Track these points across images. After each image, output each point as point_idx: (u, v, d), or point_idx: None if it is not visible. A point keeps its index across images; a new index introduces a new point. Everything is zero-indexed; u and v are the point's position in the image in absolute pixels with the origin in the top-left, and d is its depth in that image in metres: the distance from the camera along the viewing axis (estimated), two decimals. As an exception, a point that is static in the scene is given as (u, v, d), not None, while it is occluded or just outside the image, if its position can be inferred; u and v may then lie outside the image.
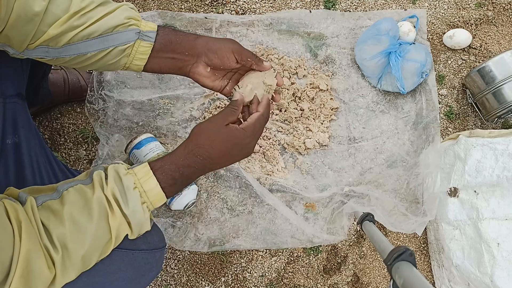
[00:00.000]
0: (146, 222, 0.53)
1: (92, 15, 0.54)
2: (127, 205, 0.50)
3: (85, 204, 0.48)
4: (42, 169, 0.68)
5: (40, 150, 0.70)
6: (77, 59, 0.57)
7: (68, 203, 0.47)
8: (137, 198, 0.51)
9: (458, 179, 0.94)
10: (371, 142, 1.03)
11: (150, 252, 0.60)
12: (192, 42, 0.60)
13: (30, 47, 0.53)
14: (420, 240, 1.05)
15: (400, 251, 0.48)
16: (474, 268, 0.90)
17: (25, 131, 0.67)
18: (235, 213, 0.99)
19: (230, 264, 1.00)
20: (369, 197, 1.00)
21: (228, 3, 1.08)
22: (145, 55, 0.59)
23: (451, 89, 1.09)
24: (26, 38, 0.52)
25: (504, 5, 1.11)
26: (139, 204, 0.51)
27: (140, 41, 0.58)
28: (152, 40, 0.58)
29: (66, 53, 0.55)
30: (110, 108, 0.99)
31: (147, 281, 0.63)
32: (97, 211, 0.48)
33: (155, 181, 0.52)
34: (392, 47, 0.99)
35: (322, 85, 1.02)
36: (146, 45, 0.58)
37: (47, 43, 0.53)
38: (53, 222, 0.46)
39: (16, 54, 0.55)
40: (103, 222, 0.49)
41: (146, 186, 0.52)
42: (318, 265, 1.01)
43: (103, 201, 0.49)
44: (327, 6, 1.09)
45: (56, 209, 0.47)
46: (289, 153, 1.02)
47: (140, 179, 0.51)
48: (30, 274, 0.43)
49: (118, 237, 0.51)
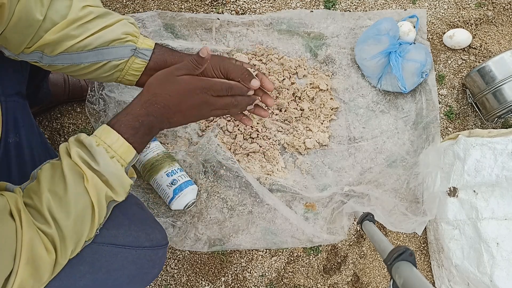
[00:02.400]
0: (123, 176, 0.51)
1: (90, 26, 0.54)
2: (96, 162, 0.49)
3: (56, 174, 0.48)
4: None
5: (42, 149, 0.70)
6: (70, 68, 0.57)
7: (42, 178, 0.48)
8: (103, 153, 0.50)
9: (458, 179, 0.94)
10: (371, 142, 1.03)
11: (153, 249, 0.61)
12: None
13: (26, 51, 0.54)
14: (420, 240, 1.05)
15: (400, 251, 0.48)
16: (473, 268, 0.90)
17: (26, 130, 0.67)
18: (235, 213, 0.99)
19: (230, 264, 1.00)
20: (369, 197, 1.00)
21: (228, 3, 1.08)
22: (138, 71, 0.59)
23: (451, 89, 1.09)
24: (24, 42, 0.52)
25: (504, 5, 1.11)
26: (108, 158, 0.50)
27: (135, 58, 0.58)
28: (147, 58, 0.58)
29: (60, 62, 0.56)
30: (111, 109, 0.99)
31: (150, 278, 0.64)
32: (70, 177, 0.48)
33: (116, 134, 0.51)
34: (392, 47, 0.99)
35: (322, 85, 1.03)
36: (140, 63, 0.59)
37: (42, 48, 0.54)
38: (36, 200, 0.46)
39: (11, 56, 0.55)
40: (79, 186, 0.48)
41: (108, 141, 0.50)
42: (318, 265, 1.01)
43: (74, 167, 0.48)
44: (327, 6, 1.09)
45: (35, 188, 0.48)
46: (289, 153, 1.02)
47: (100, 137, 0.51)
48: (35, 262, 0.43)
49: (100, 200, 0.49)
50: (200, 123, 1.01)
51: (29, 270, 0.43)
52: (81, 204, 0.48)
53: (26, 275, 0.42)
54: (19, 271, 0.42)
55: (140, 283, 0.62)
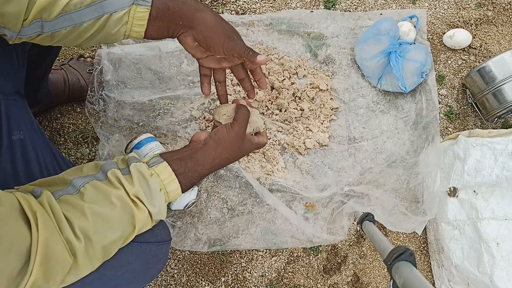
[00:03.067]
0: (165, 211, 0.56)
1: None
2: (153, 206, 0.52)
3: (105, 199, 0.49)
4: (48, 165, 0.69)
5: (44, 147, 0.70)
6: (73, 32, 0.55)
7: (88, 198, 0.49)
8: (163, 199, 0.54)
9: (458, 179, 0.94)
10: (371, 142, 1.03)
11: (157, 244, 0.62)
12: (190, 15, 0.59)
13: (25, 23, 0.52)
14: (420, 240, 1.05)
15: (400, 251, 0.48)
16: (473, 268, 0.90)
17: (28, 129, 0.67)
18: (235, 213, 0.99)
19: (230, 264, 1.00)
20: (369, 197, 1.00)
21: (228, 3, 1.08)
22: (143, 21, 0.57)
23: (451, 89, 1.09)
24: (20, 12, 0.50)
25: (504, 5, 1.11)
26: (164, 204, 0.54)
27: (136, 7, 0.56)
28: (148, 5, 0.56)
29: (61, 25, 0.54)
30: (110, 109, 0.99)
31: (154, 273, 0.64)
32: (119, 205, 0.49)
33: (178, 184, 0.55)
34: (392, 47, 0.99)
35: (322, 85, 1.03)
36: (143, 10, 0.56)
37: (40, 15, 0.52)
38: (74, 214, 0.47)
39: (13, 38, 0.53)
40: (126, 215, 0.50)
41: (169, 188, 0.55)
42: (318, 265, 1.01)
43: (125, 197, 0.50)
44: (327, 6, 1.09)
45: (76, 203, 0.48)
46: (289, 153, 1.02)
47: (164, 181, 0.54)
48: (49, 262, 0.43)
49: (141, 230, 0.53)
50: (201, 123, 1.01)
51: (42, 271, 0.43)
52: (122, 231, 0.50)
53: (39, 276, 0.42)
54: (33, 272, 0.42)
55: (145, 279, 0.63)
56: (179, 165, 0.56)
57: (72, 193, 0.49)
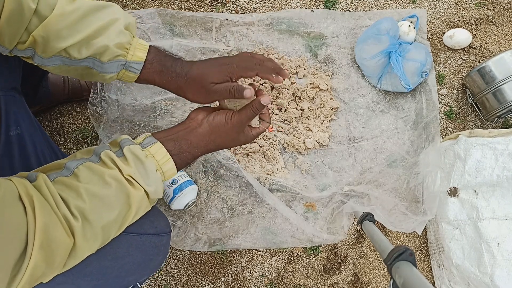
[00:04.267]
0: (162, 190, 0.56)
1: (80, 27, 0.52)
2: (150, 185, 0.52)
3: (100, 179, 0.49)
4: (48, 159, 0.69)
5: (43, 142, 0.70)
6: (63, 68, 0.56)
7: (82, 179, 0.48)
8: (159, 178, 0.54)
9: (458, 179, 0.94)
10: (371, 142, 1.03)
11: (158, 236, 0.62)
12: (175, 89, 0.61)
13: (19, 47, 0.53)
14: (420, 240, 1.05)
15: (400, 250, 0.48)
16: (474, 268, 0.90)
17: (27, 124, 0.67)
18: (235, 212, 0.99)
19: (230, 263, 1.00)
20: (369, 196, 1.00)
21: (228, 3, 1.08)
22: (131, 79, 0.60)
23: (451, 88, 1.09)
24: (17, 34, 0.51)
25: (504, 5, 1.11)
26: (161, 183, 0.55)
27: (125, 70, 0.58)
28: (137, 72, 0.58)
29: (52, 63, 0.55)
30: (112, 111, 0.99)
31: (155, 265, 0.64)
32: (114, 185, 0.49)
33: (173, 163, 0.55)
34: (392, 47, 0.99)
35: (322, 84, 1.02)
36: (131, 75, 0.59)
37: (34, 46, 0.53)
38: (70, 194, 0.47)
39: (5, 52, 0.54)
40: (121, 194, 0.50)
41: (164, 168, 0.55)
42: (318, 265, 1.01)
43: (119, 177, 0.50)
44: (327, 5, 1.09)
45: (71, 183, 0.48)
46: (289, 153, 1.02)
47: (159, 161, 0.54)
48: (49, 245, 0.43)
49: (139, 211, 0.53)
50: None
51: (43, 255, 0.43)
52: (119, 210, 0.50)
53: (39, 259, 0.42)
54: (33, 255, 0.42)
55: (146, 270, 0.63)
56: (173, 146, 0.56)
57: (66, 175, 0.49)
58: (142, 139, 0.55)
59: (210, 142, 0.60)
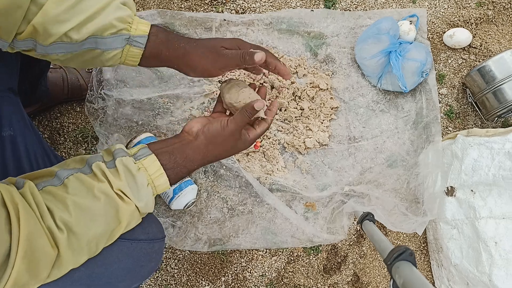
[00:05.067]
0: (153, 203, 0.55)
1: (79, 9, 0.51)
2: (140, 200, 0.51)
3: (88, 192, 0.48)
4: (39, 161, 0.68)
5: (36, 143, 0.69)
6: (66, 56, 0.55)
7: (71, 190, 0.47)
8: (150, 193, 0.53)
9: (455, 178, 0.94)
10: (371, 142, 1.03)
11: (149, 242, 0.61)
12: (180, 59, 0.60)
13: (18, 37, 0.51)
14: (420, 240, 1.05)
15: (400, 250, 0.48)
16: (472, 267, 0.90)
17: (20, 125, 0.66)
18: (235, 212, 0.99)
19: (230, 263, 1.00)
20: (369, 196, 1.00)
21: (228, 2, 1.08)
22: (136, 57, 0.59)
23: (451, 88, 1.09)
24: (14, 26, 0.50)
25: (504, 5, 1.11)
26: (152, 198, 0.53)
27: (130, 46, 0.57)
28: (142, 46, 0.57)
29: (54, 51, 0.54)
30: (109, 107, 0.99)
31: (146, 272, 0.63)
32: (102, 199, 0.48)
33: (166, 178, 0.54)
34: (392, 46, 0.99)
35: (322, 84, 1.02)
36: (136, 50, 0.57)
37: (34, 36, 0.51)
38: (56, 205, 0.46)
39: (5, 47, 0.53)
40: (110, 209, 0.49)
41: (157, 182, 0.53)
42: (318, 265, 1.01)
43: (109, 191, 0.49)
44: (327, 5, 1.09)
45: (59, 194, 0.47)
46: (289, 153, 1.02)
47: (151, 175, 0.53)
48: (33, 254, 0.43)
49: (129, 224, 0.52)
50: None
51: (26, 264, 0.42)
52: (107, 224, 0.49)
53: (23, 268, 0.42)
54: (16, 264, 0.41)
55: (137, 277, 0.62)
56: (168, 160, 0.55)
57: (56, 185, 0.48)
58: (137, 150, 0.54)
59: (208, 153, 0.59)
